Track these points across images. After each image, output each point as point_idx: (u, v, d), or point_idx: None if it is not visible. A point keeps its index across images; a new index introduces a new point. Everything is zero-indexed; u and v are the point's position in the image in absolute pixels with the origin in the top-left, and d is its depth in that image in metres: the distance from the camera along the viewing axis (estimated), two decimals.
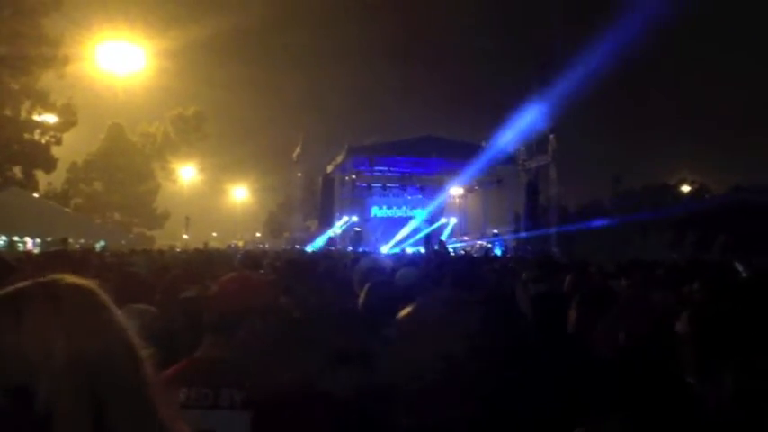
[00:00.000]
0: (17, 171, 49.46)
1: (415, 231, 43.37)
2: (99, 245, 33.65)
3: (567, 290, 6.64)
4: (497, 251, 36.49)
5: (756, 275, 8.14)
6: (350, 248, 36.46)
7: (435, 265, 13.86)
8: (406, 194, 45.46)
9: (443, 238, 41.77)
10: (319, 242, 41.73)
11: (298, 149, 44.87)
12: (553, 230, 42.19)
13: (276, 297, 3.50)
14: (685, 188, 71.56)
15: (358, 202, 44.45)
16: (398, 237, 42.84)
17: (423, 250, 32.85)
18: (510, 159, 42.99)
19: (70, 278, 1.70)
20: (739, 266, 11.95)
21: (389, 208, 46.44)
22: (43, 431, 1.45)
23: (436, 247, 27.99)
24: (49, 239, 31.00)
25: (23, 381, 1.47)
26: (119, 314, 1.69)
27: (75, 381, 1.50)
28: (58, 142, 52.82)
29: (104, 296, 1.70)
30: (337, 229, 42.33)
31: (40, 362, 1.48)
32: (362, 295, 5.37)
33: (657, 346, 3.67)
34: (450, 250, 32.41)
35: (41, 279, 1.67)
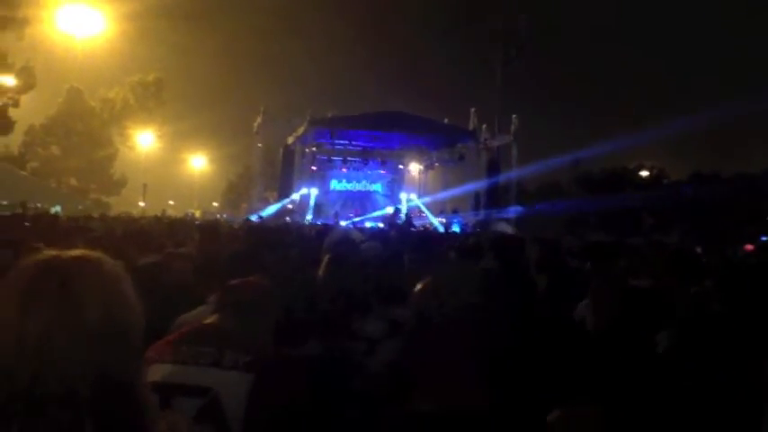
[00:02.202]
0: None
1: (382, 209, 43.34)
2: (55, 209, 33.20)
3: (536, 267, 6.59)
4: (456, 228, 36.50)
5: (723, 263, 8.18)
6: (308, 220, 36.27)
7: (396, 238, 13.86)
8: (366, 168, 45.23)
9: (425, 213, 42.06)
10: (272, 209, 41.56)
11: (258, 119, 44.29)
12: (512, 209, 42.46)
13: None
14: (644, 173, 72.12)
15: (318, 174, 44.18)
16: (368, 215, 42.76)
17: (382, 225, 32.83)
18: (472, 137, 43.03)
19: (89, 253, 1.64)
20: (700, 251, 12.09)
21: (349, 181, 46.24)
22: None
23: (399, 222, 28.02)
24: (5, 203, 30.53)
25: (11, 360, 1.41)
26: (133, 297, 1.62)
27: (72, 363, 1.44)
28: (16, 105, 52.07)
29: (124, 277, 1.63)
30: (296, 199, 42.06)
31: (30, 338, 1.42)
32: (323, 266, 5.32)
33: (629, 330, 3.63)
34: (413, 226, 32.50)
35: (57, 252, 1.61)
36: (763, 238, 29.57)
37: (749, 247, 14.56)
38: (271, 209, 41.98)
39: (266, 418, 2.74)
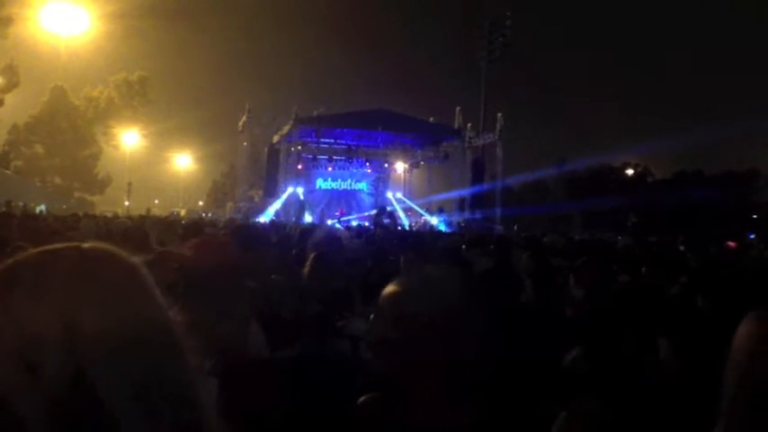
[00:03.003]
0: None
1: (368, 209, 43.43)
2: (40, 208, 33.01)
3: (524, 266, 6.61)
4: (441, 227, 36.56)
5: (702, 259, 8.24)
6: (293, 219, 36.23)
7: (381, 236, 13.86)
8: (351, 167, 45.22)
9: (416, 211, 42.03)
10: (270, 212, 41.33)
11: (243, 118, 44.29)
12: (497, 208, 42.55)
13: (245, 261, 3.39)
14: (629, 171, 72.41)
15: (303, 173, 44.14)
16: (354, 214, 42.88)
17: (367, 224, 32.87)
18: (457, 136, 43.08)
19: (103, 245, 1.56)
20: (682, 248, 12.16)
21: (335, 180, 46.29)
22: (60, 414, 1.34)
23: (386, 221, 28.00)
24: None
25: (32, 356, 1.34)
26: (158, 293, 1.57)
27: (102, 363, 1.37)
28: (0, 103, 51.82)
29: (144, 270, 1.57)
30: (283, 199, 41.98)
31: (56, 336, 1.35)
32: (308, 265, 5.29)
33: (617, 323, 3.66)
34: (401, 224, 32.51)
35: (71, 244, 1.53)
36: (752, 236, 29.78)
37: (732, 244, 14.67)
38: (269, 210, 41.64)
39: (234, 423, 2.68)
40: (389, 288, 1.97)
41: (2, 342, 1.34)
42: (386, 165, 48.24)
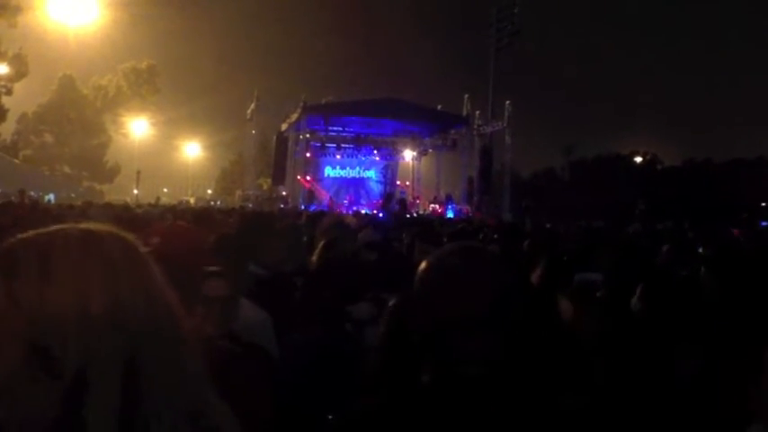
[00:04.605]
0: None
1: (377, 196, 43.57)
2: (48, 197, 33.02)
3: (528, 252, 6.61)
4: (450, 214, 36.51)
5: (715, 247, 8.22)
6: (302, 207, 36.24)
7: (394, 224, 13.87)
8: (359, 155, 45.19)
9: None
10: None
11: (252, 106, 44.24)
12: (506, 196, 42.61)
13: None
14: (638, 159, 72.16)
15: (311, 161, 44.18)
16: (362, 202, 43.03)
17: (376, 212, 32.84)
18: (465, 123, 43.03)
19: (108, 227, 1.56)
20: (691, 234, 12.14)
21: (343, 168, 46.23)
22: (69, 396, 1.34)
23: (395, 209, 27.99)
24: None
25: (46, 340, 1.34)
26: (159, 271, 1.55)
27: (109, 341, 1.38)
28: (9, 93, 51.95)
29: (144, 250, 1.57)
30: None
31: (70, 319, 1.35)
32: (317, 253, 5.25)
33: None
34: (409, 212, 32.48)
35: (75, 225, 1.52)
36: (763, 224, 29.62)
37: (735, 232, 14.57)
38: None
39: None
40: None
41: (8, 326, 1.35)
42: (394, 153, 48.19)
